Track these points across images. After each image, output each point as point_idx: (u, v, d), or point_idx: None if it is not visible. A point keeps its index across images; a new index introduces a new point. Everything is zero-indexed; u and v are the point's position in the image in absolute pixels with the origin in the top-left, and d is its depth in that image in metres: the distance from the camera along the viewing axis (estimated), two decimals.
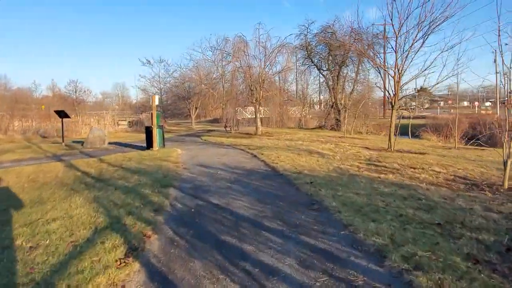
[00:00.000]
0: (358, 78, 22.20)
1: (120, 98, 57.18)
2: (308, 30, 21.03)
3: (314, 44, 21.38)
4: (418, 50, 8.75)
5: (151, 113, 10.71)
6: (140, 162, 7.96)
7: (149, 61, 31.23)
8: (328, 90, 22.80)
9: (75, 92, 41.98)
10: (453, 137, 15.44)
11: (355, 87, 22.42)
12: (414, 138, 17.76)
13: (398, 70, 8.75)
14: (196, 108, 28.41)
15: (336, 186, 4.97)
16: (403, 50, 8.76)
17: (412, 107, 62.37)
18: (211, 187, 5.25)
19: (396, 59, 8.62)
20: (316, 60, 22.16)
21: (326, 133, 19.13)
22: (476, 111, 33.95)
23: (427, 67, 8.58)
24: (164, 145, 11.44)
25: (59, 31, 76.89)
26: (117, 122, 27.15)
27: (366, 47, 9.86)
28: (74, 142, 15.05)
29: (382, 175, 5.70)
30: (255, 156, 8.64)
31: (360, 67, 22.00)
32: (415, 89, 21.71)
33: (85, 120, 23.43)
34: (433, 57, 8.93)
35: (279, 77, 17.90)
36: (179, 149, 11.00)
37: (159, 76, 31.68)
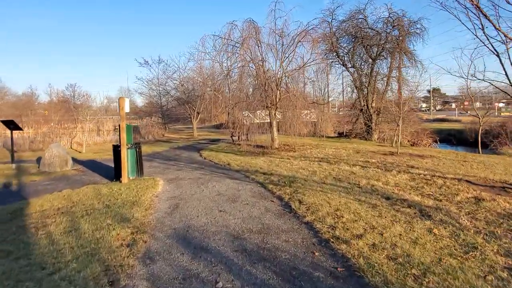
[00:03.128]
0: (391, 74, 18.18)
1: None
2: (334, 16, 17.05)
3: (340, 33, 17.29)
4: None
5: (119, 125, 6.95)
6: (75, 223, 4.18)
7: (147, 62, 27.67)
8: (356, 90, 18.70)
9: (73, 97, 39.10)
10: None
11: (388, 86, 18.37)
12: (484, 150, 13.65)
13: None
14: (198, 113, 24.71)
15: None
16: None
17: (423, 108, 56.95)
18: None
19: None
20: (341, 54, 18.08)
21: (361, 144, 15.06)
22: (496, 114, 30.63)
23: None
24: (141, 171, 7.66)
25: (56, 33, 74.59)
26: (113, 128, 23.56)
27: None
28: (39, 159, 11.42)
29: None
30: (288, 206, 4.74)
31: (394, 61, 17.98)
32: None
33: (84, 126, 20.15)
34: None
35: (302, 74, 13.92)
36: (163, 179, 7.22)
37: (157, 78, 28.07)
